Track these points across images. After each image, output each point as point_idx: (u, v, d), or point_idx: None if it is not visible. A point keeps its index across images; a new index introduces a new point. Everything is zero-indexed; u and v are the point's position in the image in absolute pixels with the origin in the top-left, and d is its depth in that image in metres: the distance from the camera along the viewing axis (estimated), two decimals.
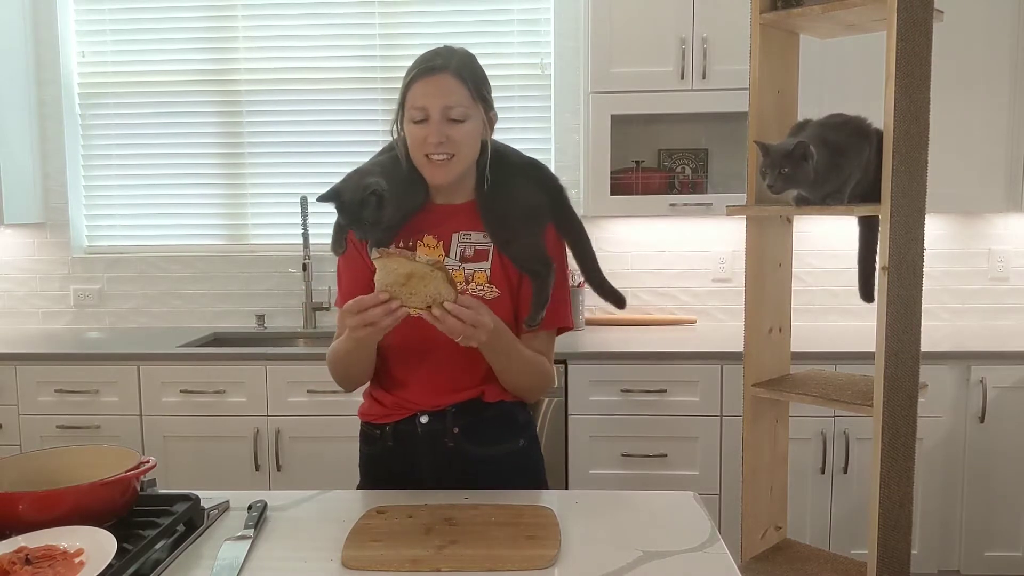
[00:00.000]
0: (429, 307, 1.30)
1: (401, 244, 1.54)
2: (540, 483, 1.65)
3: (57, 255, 3.41)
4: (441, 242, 1.54)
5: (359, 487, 1.65)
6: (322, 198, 1.48)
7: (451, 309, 1.30)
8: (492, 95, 1.54)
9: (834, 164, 1.69)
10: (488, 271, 1.53)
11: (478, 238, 1.55)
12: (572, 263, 1.64)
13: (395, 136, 1.54)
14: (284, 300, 3.38)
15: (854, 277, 1.91)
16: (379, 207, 1.44)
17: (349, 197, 1.45)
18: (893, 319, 1.72)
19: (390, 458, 1.58)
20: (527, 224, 1.55)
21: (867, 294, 1.87)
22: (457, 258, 1.53)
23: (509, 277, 1.54)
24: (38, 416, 2.83)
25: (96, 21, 3.36)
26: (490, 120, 1.53)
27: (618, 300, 1.66)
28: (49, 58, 3.33)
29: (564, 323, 1.60)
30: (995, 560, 2.75)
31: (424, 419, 1.55)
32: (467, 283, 1.51)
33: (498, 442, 1.58)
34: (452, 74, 1.45)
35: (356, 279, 1.56)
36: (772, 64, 1.93)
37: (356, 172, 1.52)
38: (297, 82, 3.33)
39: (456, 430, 1.54)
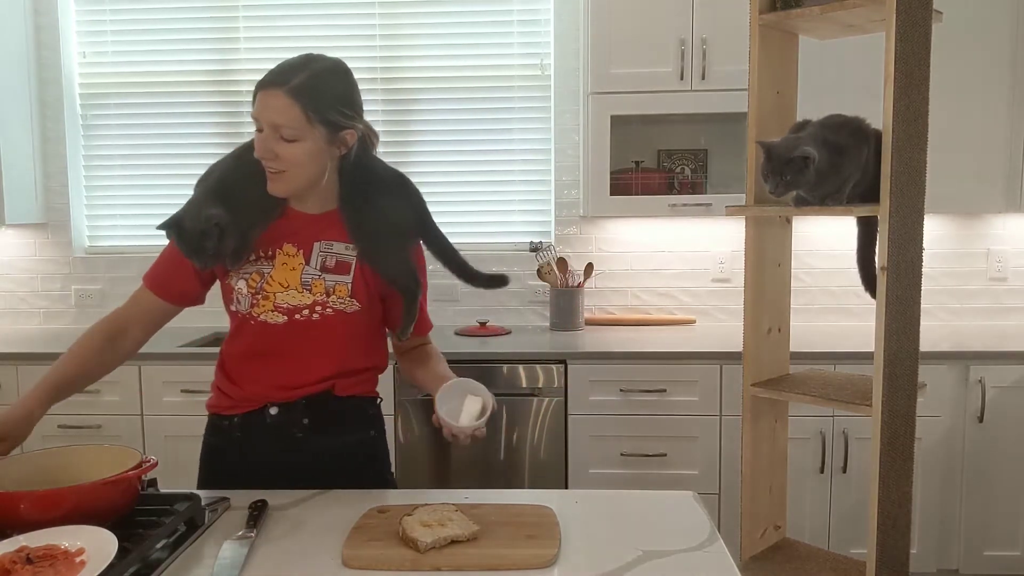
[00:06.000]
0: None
1: (260, 253, 1.52)
2: (386, 474, 1.68)
3: (58, 255, 3.41)
4: (301, 251, 1.52)
5: (199, 482, 1.63)
6: (162, 226, 1.46)
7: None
8: (354, 111, 1.48)
9: (833, 165, 1.69)
10: (350, 284, 1.52)
11: (340, 248, 1.53)
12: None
13: None
14: None
15: (853, 277, 1.92)
16: (221, 238, 1.43)
17: (190, 226, 1.43)
18: (892, 319, 1.72)
19: (236, 448, 1.58)
20: (397, 240, 1.55)
21: (872, 288, 1.87)
22: (318, 268, 1.51)
23: (370, 290, 1.54)
24: None
25: (97, 22, 3.36)
26: (341, 139, 1.46)
27: (499, 280, 1.66)
28: (50, 58, 3.34)
29: (428, 330, 1.68)
30: (994, 559, 2.75)
31: (274, 411, 1.55)
32: (327, 295, 1.51)
33: (348, 433, 1.59)
34: (287, 93, 1.39)
35: (171, 262, 1.55)
36: (771, 65, 1.93)
37: (203, 191, 1.49)
38: None
39: (305, 421, 1.55)
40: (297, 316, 1.50)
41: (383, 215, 1.53)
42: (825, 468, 2.73)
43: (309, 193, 1.51)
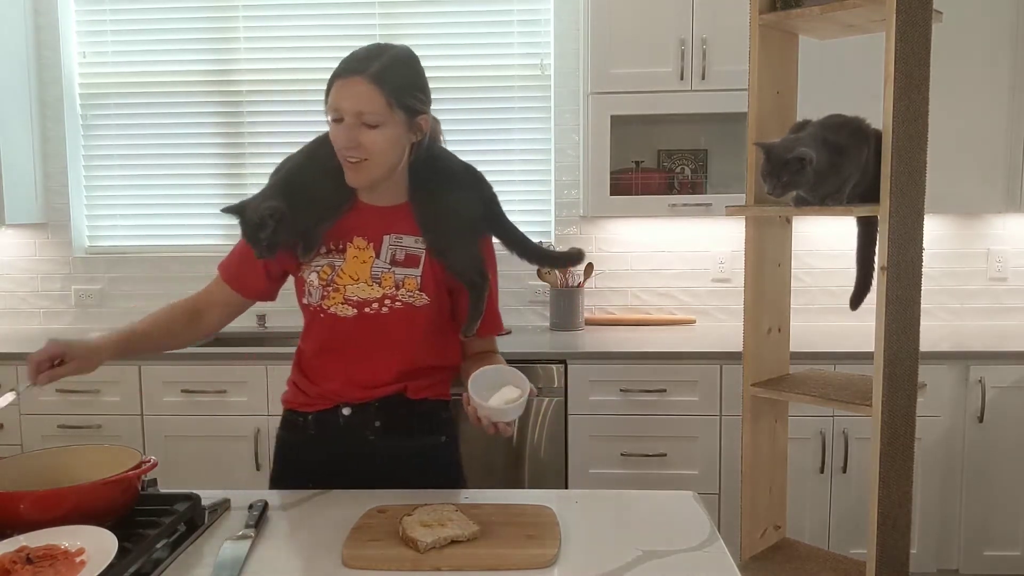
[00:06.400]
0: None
1: (332, 246, 1.53)
2: (459, 481, 1.65)
3: (58, 255, 3.41)
4: (371, 244, 1.52)
5: (272, 477, 1.65)
6: (225, 209, 1.50)
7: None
8: (426, 97, 1.49)
9: (833, 165, 1.69)
10: (419, 278, 1.52)
11: (410, 242, 1.53)
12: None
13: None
14: (285, 300, 3.34)
15: (853, 277, 1.92)
16: (275, 232, 1.45)
17: (249, 215, 1.46)
18: (892, 319, 1.72)
19: (311, 446, 1.59)
20: (465, 233, 1.54)
21: (855, 300, 1.89)
22: (388, 261, 1.52)
23: (439, 284, 1.54)
24: (39, 416, 2.84)
25: (97, 22, 3.36)
26: (417, 125, 1.47)
27: (576, 255, 1.65)
28: (50, 59, 3.34)
29: (498, 330, 1.65)
30: (994, 559, 2.75)
31: (346, 411, 1.55)
32: (397, 288, 1.51)
33: (419, 438, 1.59)
34: (367, 79, 1.39)
35: (245, 256, 1.57)
36: (771, 65, 1.93)
37: (271, 183, 1.52)
38: (298, 83, 3.34)
39: (378, 424, 1.55)
40: (367, 309, 1.51)
41: (452, 207, 1.53)
42: (825, 468, 2.73)
43: (382, 185, 1.51)
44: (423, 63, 1.49)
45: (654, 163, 3.22)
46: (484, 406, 1.35)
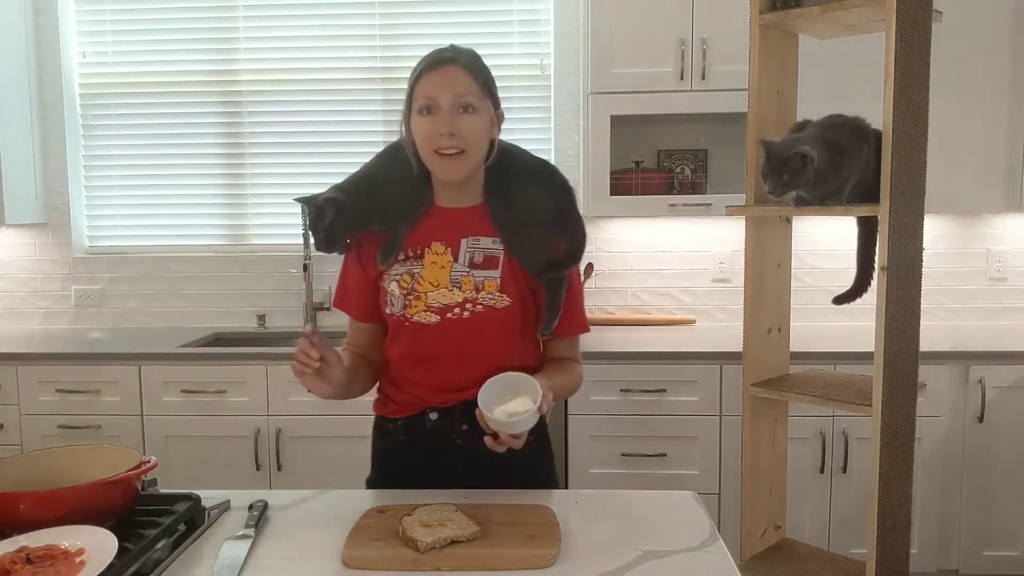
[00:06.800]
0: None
1: (409, 253, 1.52)
2: (550, 479, 1.65)
3: (58, 255, 3.41)
4: (449, 248, 1.51)
5: (369, 479, 1.65)
6: (297, 199, 1.52)
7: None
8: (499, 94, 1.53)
9: (833, 165, 1.69)
10: (499, 279, 1.50)
11: (487, 243, 1.52)
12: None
13: (402, 136, 1.52)
14: (285, 300, 3.38)
15: (853, 277, 1.92)
16: (334, 224, 1.46)
17: (312, 204, 1.48)
18: (892, 319, 1.72)
19: (402, 452, 1.59)
20: (542, 231, 1.52)
21: (845, 298, 1.90)
22: (466, 264, 1.51)
23: (519, 284, 1.52)
24: (39, 416, 2.84)
25: (97, 22, 3.36)
26: (498, 117, 1.51)
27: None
28: (50, 59, 3.34)
29: (582, 329, 1.62)
30: (994, 560, 2.75)
31: (433, 416, 1.55)
32: (477, 291, 1.49)
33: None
34: (461, 66, 1.44)
35: (349, 282, 1.59)
36: (771, 65, 1.93)
37: (348, 179, 1.53)
38: (298, 83, 3.34)
39: (465, 427, 1.54)
40: (449, 315, 1.50)
41: (527, 204, 1.52)
42: (825, 468, 2.73)
43: (469, 182, 1.51)
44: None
45: (654, 163, 3.22)
46: (490, 418, 1.33)
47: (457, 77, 1.43)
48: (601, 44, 2.89)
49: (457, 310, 1.49)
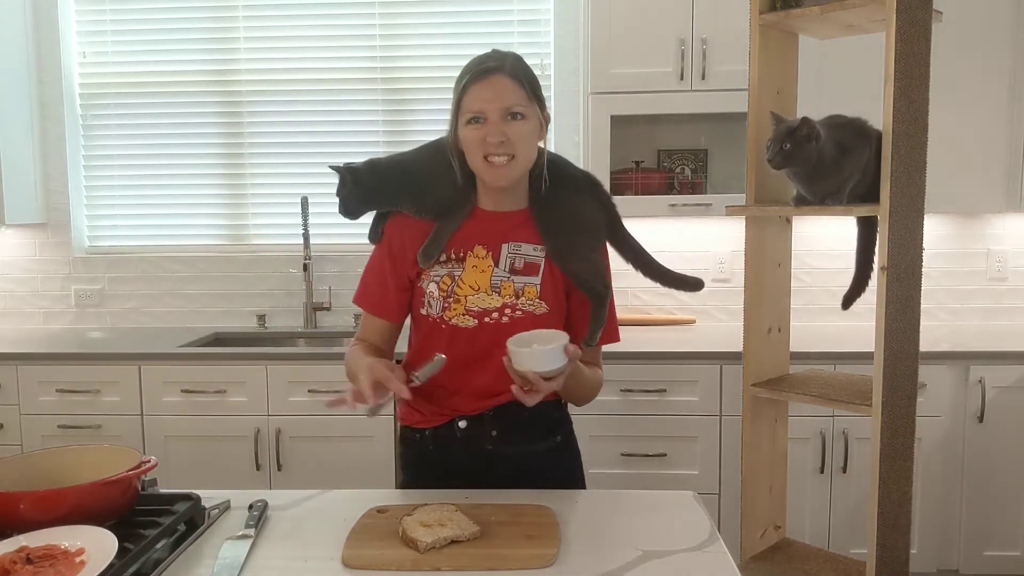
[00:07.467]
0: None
1: (452, 255, 1.52)
2: (577, 476, 1.65)
3: (58, 255, 3.41)
4: (490, 253, 1.51)
5: (400, 485, 1.65)
6: (333, 166, 1.53)
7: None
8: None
9: (836, 161, 1.69)
10: (539, 286, 1.50)
11: (528, 250, 1.52)
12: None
13: (448, 143, 1.51)
14: (285, 300, 3.38)
15: (852, 278, 1.92)
16: (349, 192, 1.48)
17: (340, 172, 1.51)
18: (892, 319, 1.72)
19: (430, 460, 1.59)
20: (588, 241, 1.53)
21: (848, 300, 1.90)
22: (507, 269, 1.51)
23: (558, 292, 1.52)
24: (39, 416, 2.84)
25: (97, 22, 3.36)
26: (545, 119, 1.51)
27: (694, 283, 1.70)
28: (50, 59, 3.34)
29: (615, 339, 1.62)
30: (994, 559, 2.75)
31: (463, 424, 1.55)
32: (516, 297, 1.49)
33: (535, 440, 1.58)
34: (507, 75, 1.44)
35: (374, 279, 1.58)
36: (771, 65, 1.93)
37: (388, 156, 1.56)
38: (298, 83, 3.34)
39: (494, 432, 1.54)
40: (487, 319, 1.49)
41: (574, 213, 1.52)
42: (825, 468, 2.73)
43: (516, 187, 1.51)
44: (422, 63, 1.50)
45: (654, 163, 3.22)
46: (517, 352, 1.30)
47: (504, 86, 1.43)
48: (601, 44, 2.89)
49: (496, 315, 1.49)
